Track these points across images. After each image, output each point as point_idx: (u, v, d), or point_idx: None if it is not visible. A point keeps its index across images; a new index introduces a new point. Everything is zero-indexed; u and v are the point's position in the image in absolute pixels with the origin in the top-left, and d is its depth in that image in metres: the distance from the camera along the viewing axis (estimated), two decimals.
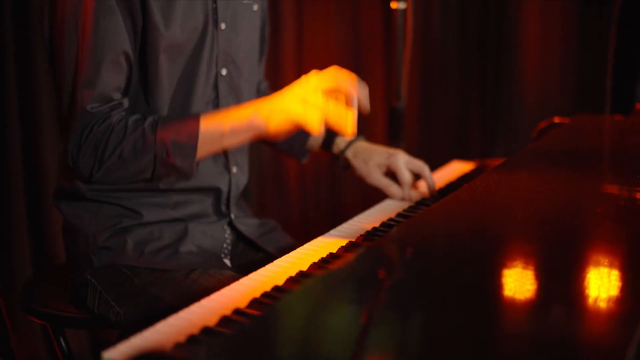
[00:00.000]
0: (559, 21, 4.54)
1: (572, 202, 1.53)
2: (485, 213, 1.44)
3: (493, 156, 4.44)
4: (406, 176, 2.02)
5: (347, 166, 2.11)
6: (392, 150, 2.06)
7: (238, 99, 1.92)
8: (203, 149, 1.72)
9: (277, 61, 3.76)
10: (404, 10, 2.57)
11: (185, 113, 1.80)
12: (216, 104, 1.87)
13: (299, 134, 2.12)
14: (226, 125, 1.70)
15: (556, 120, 2.43)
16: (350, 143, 2.09)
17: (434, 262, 1.25)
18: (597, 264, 1.21)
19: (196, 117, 1.71)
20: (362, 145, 2.09)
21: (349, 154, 2.08)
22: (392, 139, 2.67)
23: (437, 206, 1.51)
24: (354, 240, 1.66)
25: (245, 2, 1.93)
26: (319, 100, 1.62)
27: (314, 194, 4.03)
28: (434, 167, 2.48)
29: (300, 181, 3.94)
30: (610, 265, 1.20)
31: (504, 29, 4.54)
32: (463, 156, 4.34)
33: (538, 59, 4.56)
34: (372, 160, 2.04)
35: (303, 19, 3.85)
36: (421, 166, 2.05)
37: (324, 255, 1.57)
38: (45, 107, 2.71)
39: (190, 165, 1.71)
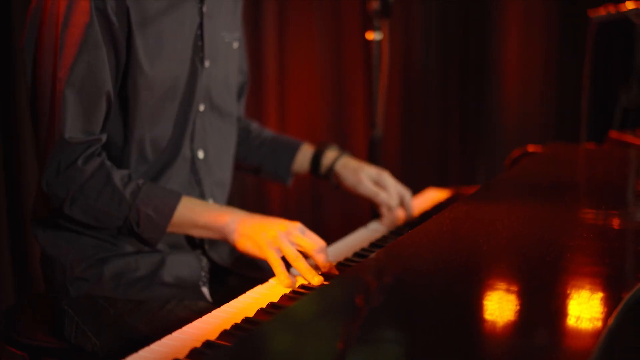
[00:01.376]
0: (539, 50, 4.60)
1: (539, 232, 1.56)
2: (450, 245, 1.48)
3: (474, 182, 4.49)
4: (395, 193, 2.12)
5: (337, 184, 2.18)
6: (381, 170, 2.17)
7: (214, 135, 1.97)
8: (172, 228, 1.77)
9: (260, 88, 3.81)
10: (380, 41, 2.62)
11: (162, 148, 1.85)
12: (192, 138, 1.91)
13: (286, 154, 2.21)
14: (200, 220, 1.76)
15: (529, 148, 2.47)
16: (338, 157, 2.18)
17: (403, 294, 1.28)
18: (565, 290, 1.25)
19: (177, 198, 1.76)
20: (350, 159, 2.19)
21: (339, 166, 2.16)
22: None
23: (405, 238, 1.54)
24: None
25: (227, 40, 1.99)
26: (289, 253, 1.67)
27: (297, 217, 4.07)
28: (414, 193, 2.53)
29: (283, 205, 3.98)
30: (576, 290, 1.24)
31: (485, 58, 4.61)
32: (444, 183, 4.39)
33: (518, 87, 4.62)
34: (362, 171, 2.14)
35: (285, 47, 3.90)
36: (405, 192, 2.14)
37: (295, 286, 1.61)
38: (28, 131, 2.73)
39: (155, 239, 1.76)
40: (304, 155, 2.23)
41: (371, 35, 2.63)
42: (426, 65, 4.51)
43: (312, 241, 1.69)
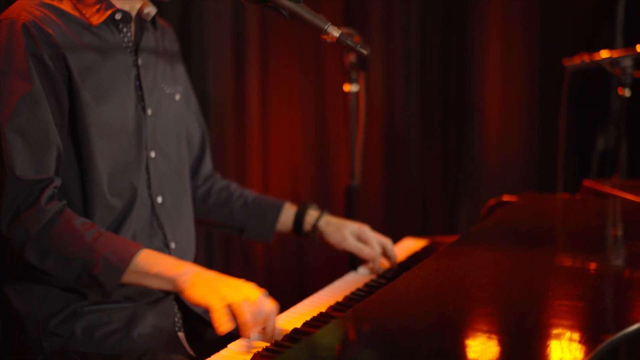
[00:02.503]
0: (519, 97, 4.65)
1: (511, 285, 1.59)
2: (418, 304, 1.50)
3: (456, 230, 4.52)
4: (377, 245, 2.22)
5: (320, 241, 2.26)
6: (361, 224, 2.26)
7: (170, 181, 2.03)
8: (128, 276, 1.76)
9: (243, 136, 3.85)
10: (357, 93, 2.66)
11: (121, 194, 1.89)
12: (149, 184, 1.96)
13: (270, 214, 2.27)
14: (154, 268, 1.75)
15: (504, 198, 2.51)
16: (321, 215, 2.26)
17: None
18: (551, 336, 1.28)
19: (137, 246, 1.78)
20: (332, 217, 2.27)
21: (322, 224, 2.25)
22: (347, 217, 2.74)
23: (373, 298, 1.56)
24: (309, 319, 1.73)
25: (167, 91, 2.07)
26: (241, 312, 1.64)
27: (279, 265, 4.09)
28: (395, 241, 2.56)
29: (265, 249, 4.00)
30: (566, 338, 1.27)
31: (465, 105, 4.64)
32: (425, 231, 4.43)
33: (499, 134, 4.65)
34: (345, 228, 2.23)
35: (267, 97, 3.95)
36: (386, 242, 2.24)
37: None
38: None
39: (113, 284, 1.76)
40: (287, 215, 2.29)
41: (347, 87, 2.67)
42: (407, 113, 4.55)
43: (250, 316, 1.64)
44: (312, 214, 2.27)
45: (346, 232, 2.22)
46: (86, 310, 1.85)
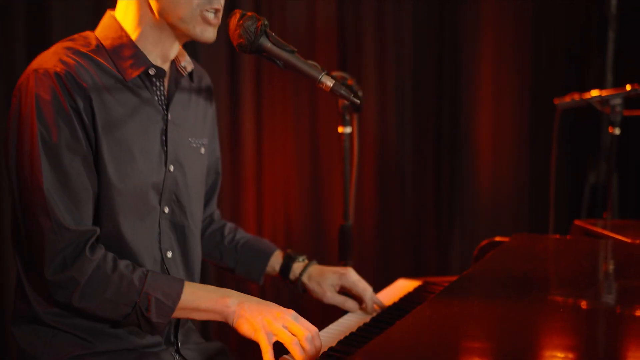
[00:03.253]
0: (510, 137, 4.70)
1: (504, 335, 1.61)
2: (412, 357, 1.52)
3: (449, 269, 4.54)
4: (362, 290, 2.24)
5: (304, 290, 2.30)
6: (342, 270, 2.27)
7: (179, 234, 2.05)
8: (177, 312, 1.84)
9: (238, 176, 3.87)
10: (350, 134, 2.69)
11: (131, 250, 1.90)
12: (159, 239, 1.98)
13: (257, 263, 2.31)
14: (203, 303, 1.85)
15: (497, 239, 2.53)
16: (304, 268, 2.29)
17: None
18: None
19: (181, 283, 1.85)
20: (315, 268, 2.29)
21: (305, 278, 2.29)
22: (341, 257, 2.77)
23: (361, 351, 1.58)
24: None
25: (193, 145, 2.08)
26: (284, 336, 1.77)
27: (273, 298, 4.10)
28: (390, 280, 2.59)
29: (260, 293, 4.01)
30: None
31: (458, 143, 4.68)
32: (419, 271, 4.45)
33: (491, 172, 4.69)
34: (325, 281, 2.26)
35: (262, 138, 3.97)
36: (366, 289, 2.25)
37: None
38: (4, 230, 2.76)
39: (163, 323, 1.83)
40: (274, 264, 2.33)
41: (341, 129, 2.71)
42: (399, 153, 4.59)
43: (303, 328, 1.77)
44: (296, 267, 2.31)
45: (326, 286, 2.26)
46: (90, 355, 1.87)
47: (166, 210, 1.99)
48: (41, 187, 1.76)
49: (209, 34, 1.91)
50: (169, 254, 2.01)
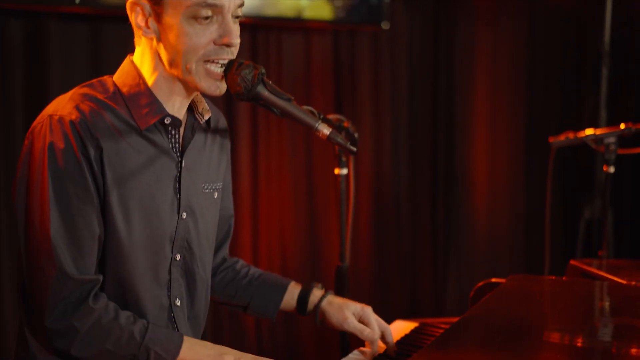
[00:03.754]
0: (506, 170, 4.72)
1: None
2: None
3: (446, 310, 4.54)
4: (377, 328, 2.22)
5: (322, 321, 2.26)
6: (364, 306, 2.26)
7: (189, 281, 2.04)
8: None
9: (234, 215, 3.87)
10: (346, 176, 2.71)
11: (140, 298, 1.91)
12: (169, 287, 1.98)
13: (274, 294, 2.29)
14: (201, 358, 1.85)
15: (493, 280, 2.54)
16: (324, 296, 2.27)
17: None
18: None
19: (180, 338, 1.86)
20: (335, 297, 2.28)
21: (324, 304, 2.25)
22: None
23: None
24: None
25: (207, 190, 2.07)
26: None
27: (269, 343, 4.10)
28: (386, 321, 2.58)
29: (256, 332, 4.01)
30: None
31: (453, 181, 4.71)
32: (415, 312, 4.45)
33: (487, 210, 4.71)
34: (347, 309, 2.23)
35: (258, 176, 3.99)
36: (386, 328, 2.24)
37: None
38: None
39: None
40: (291, 294, 2.30)
41: (337, 170, 2.72)
42: (395, 194, 4.61)
43: None
44: (316, 294, 2.28)
45: (348, 313, 2.22)
46: None
47: (177, 257, 1.99)
48: (48, 234, 1.77)
49: (215, 89, 1.90)
50: (178, 302, 2.01)
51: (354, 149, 1.92)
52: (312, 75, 4.26)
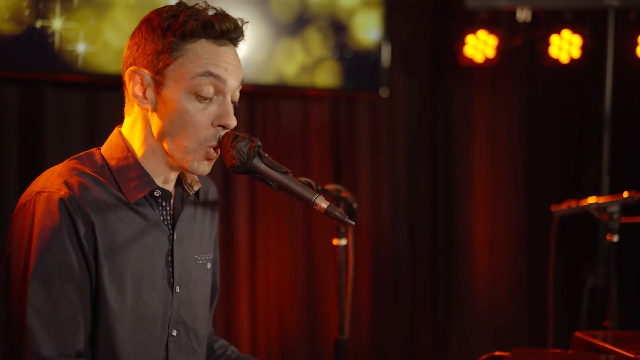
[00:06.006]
0: (507, 237, 4.68)
1: None
2: None
3: None
4: None
5: None
6: None
7: (187, 355, 1.97)
8: None
9: (231, 289, 3.83)
10: (345, 247, 2.65)
11: None
12: None
13: None
14: None
15: (496, 353, 2.47)
16: None
17: None
18: None
19: None
20: None
21: None
22: None
23: None
24: None
25: (199, 262, 2.02)
26: None
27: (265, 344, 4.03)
28: None
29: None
30: None
31: (453, 245, 4.67)
32: None
33: (488, 275, 4.66)
34: None
35: (255, 248, 3.95)
36: None
37: None
38: None
39: None
40: None
41: (336, 241, 2.67)
42: (396, 254, 4.56)
43: None
44: None
45: None
46: None
47: (174, 333, 1.93)
48: (25, 312, 1.71)
49: (205, 168, 1.87)
50: None
51: (352, 222, 1.86)
52: (310, 142, 4.25)
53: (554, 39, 4.37)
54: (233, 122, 1.84)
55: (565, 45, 4.34)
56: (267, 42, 3.96)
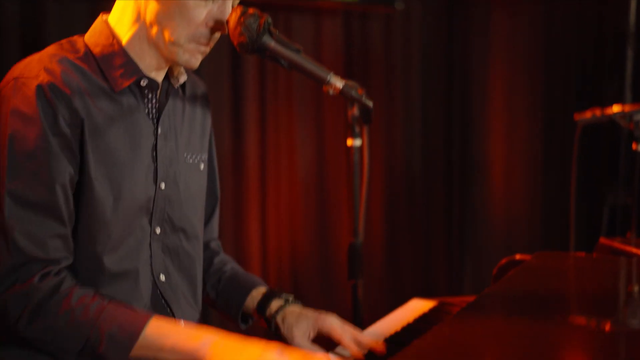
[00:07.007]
0: (524, 154, 4.60)
1: (532, 353, 1.48)
2: None
3: (461, 290, 4.41)
4: (339, 334, 1.92)
5: (278, 329, 2.03)
6: (322, 315, 1.98)
7: (172, 257, 1.88)
8: (138, 351, 1.63)
9: (241, 195, 3.76)
10: (360, 147, 2.55)
11: (120, 272, 1.75)
12: (150, 263, 1.82)
13: (237, 295, 2.07)
14: (168, 341, 1.63)
15: (517, 257, 2.38)
16: (281, 307, 2.02)
17: None
18: None
19: (145, 317, 1.65)
20: (293, 310, 2.02)
21: (279, 318, 2.01)
22: (350, 276, 2.61)
23: None
24: None
25: (190, 162, 1.92)
26: None
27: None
28: (399, 302, 2.43)
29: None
30: None
31: (469, 163, 4.60)
32: (430, 291, 4.31)
33: (503, 190, 4.59)
34: (298, 325, 1.97)
35: (266, 154, 3.88)
36: (353, 331, 1.94)
37: None
38: None
39: None
40: (252, 300, 2.08)
41: (350, 141, 2.56)
42: (409, 170, 4.50)
43: None
44: (273, 305, 2.03)
45: (296, 332, 1.96)
46: None
47: (157, 231, 1.83)
48: (2, 200, 1.62)
49: (194, 61, 1.77)
50: (162, 277, 1.85)
51: (370, 103, 1.76)
52: (322, 58, 4.13)
53: None
54: (226, 29, 1.75)
55: None
56: None
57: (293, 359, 1.58)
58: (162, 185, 1.82)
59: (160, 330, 1.64)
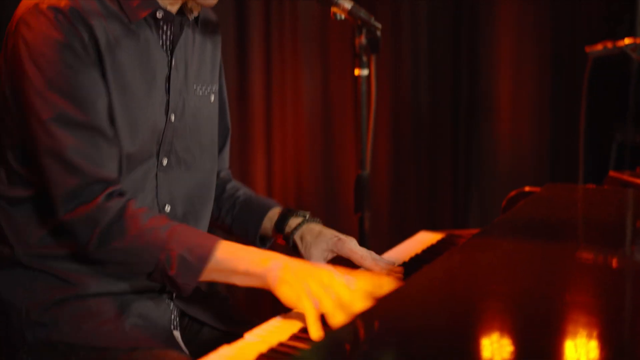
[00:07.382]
0: (532, 87, 4.55)
1: (539, 285, 1.47)
2: (442, 302, 1.37)
3: (467, 224, 4.39)
4: (359, 257, 1.92)
5: (295, 246, 2.03)
6: (342, 236, 1.98)
7: (181, 189, 1.88)
8: (208, 275, 1.64)
9: (246, 127, 3.73)
10: (368, 77, 2.50)
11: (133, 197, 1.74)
12: (155, 193, 1.82)
13: (254, 217, 2.08)
14: (240, 265, 1.63)
15: (526, 189, 2.37)
16: (300, 224, 2.02)
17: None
18: (573, 336, 1.18)
19: (214, 242, 1.65)
20: (313, 228, 2.01)
21: (297, 236, 2.01)
22: (357, 209, 2.58)
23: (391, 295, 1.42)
24: None
25: (201, 93, 1.90)
26: (328, 307, 1.53)
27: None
28: (404, 236, 2.41)
29: None
30: (587, 337, 1.16)
31: (476, 96, 4.55)
32: (435, 225, 4.30)
33: (511, 125, 4.56)
34: (316, 245, 1.97)
35: (271, 84, 3.84)
36: (363, 255, 1.93)
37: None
38: None
39: (190, 285, 1.64)
40: (270, 220, 2.08)
41: (357, 71, 2.51)
42: (416, 103, 4.46)
43: (343, 318, 1.53)
44: (292, 223, 2.03)
45: (314, 251, 1.97)
46: (74, 299, 1.72)
47: (164, 162, 1.82)
48: (47, 125, 1.61)
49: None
50: (167, 208, 1.84)
51: (379, 25, 1.71)
52: None
53: None
54: None
55: None
56: None
57: (362, 282, 1.58)
58: (172, 118, 1.82)
59: (231, 254, 1.64)
